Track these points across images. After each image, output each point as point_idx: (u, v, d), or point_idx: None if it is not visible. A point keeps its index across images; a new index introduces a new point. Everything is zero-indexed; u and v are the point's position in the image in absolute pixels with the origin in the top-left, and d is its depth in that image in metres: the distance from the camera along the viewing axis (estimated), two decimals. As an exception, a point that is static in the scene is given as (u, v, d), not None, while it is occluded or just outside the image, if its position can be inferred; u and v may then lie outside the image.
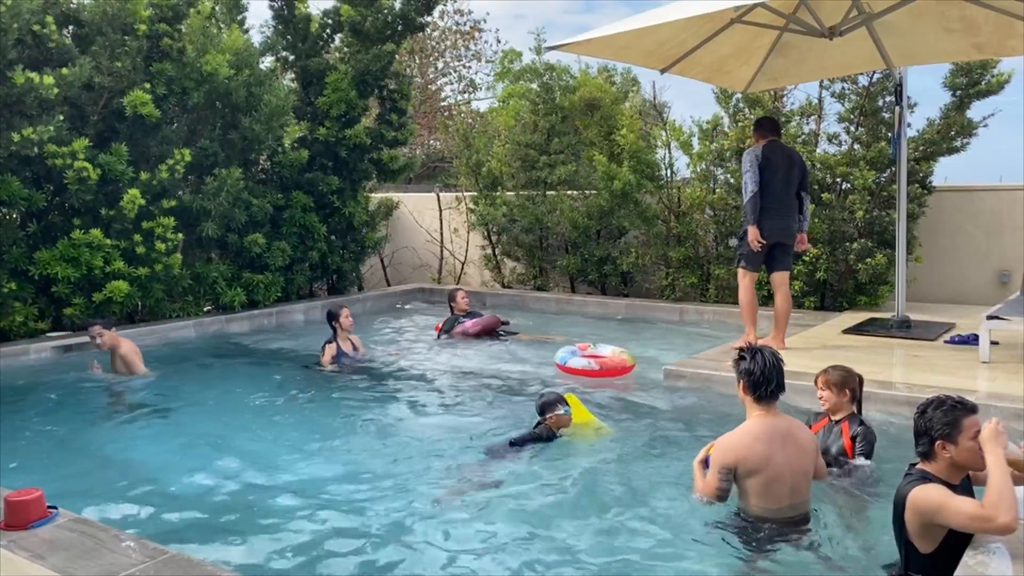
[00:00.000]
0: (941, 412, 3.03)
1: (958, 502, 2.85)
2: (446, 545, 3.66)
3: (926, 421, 3.05)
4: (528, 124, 11.08)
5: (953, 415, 3.01)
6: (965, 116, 8.65)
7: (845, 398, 4.34)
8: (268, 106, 8.91)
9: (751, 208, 6.61)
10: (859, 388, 4.41)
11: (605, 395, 6.03)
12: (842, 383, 4.33)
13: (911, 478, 3.05)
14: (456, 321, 8.44)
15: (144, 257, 8.10)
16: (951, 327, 7.46)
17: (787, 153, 6.83)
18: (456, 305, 8.57)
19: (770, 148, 6.68)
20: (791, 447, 3.62)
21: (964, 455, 2.99)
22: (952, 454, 3.00)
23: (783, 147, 6.89)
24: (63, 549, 3.14)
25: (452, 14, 19.99)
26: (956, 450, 2.99)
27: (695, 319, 9.18)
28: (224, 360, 7.71)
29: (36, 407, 5.97)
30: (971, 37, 6.87)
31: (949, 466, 3.03)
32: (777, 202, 6.64)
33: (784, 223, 6.74)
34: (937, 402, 3.07)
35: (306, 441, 5.16)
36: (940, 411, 3.04)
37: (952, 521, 2.87)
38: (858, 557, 3.44)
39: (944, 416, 3.01)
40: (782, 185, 6.65)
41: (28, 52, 7.66)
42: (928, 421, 3.05)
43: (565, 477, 4.39)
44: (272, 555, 3.58)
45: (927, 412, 3.07)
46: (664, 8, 6.28)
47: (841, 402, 4.34)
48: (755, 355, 3.74)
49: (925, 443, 3.06)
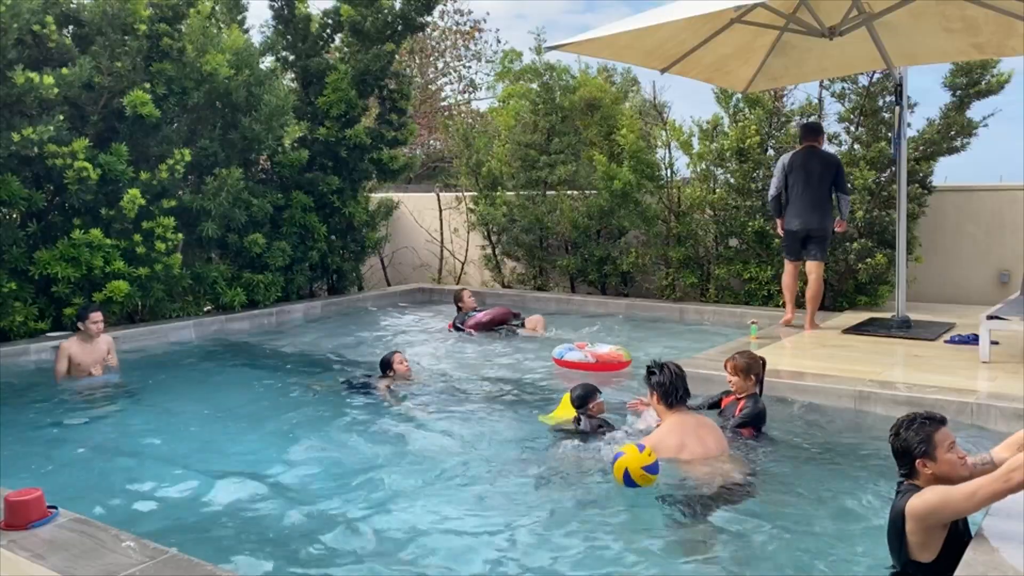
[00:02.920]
0: (914, 431, 3.05)
1: (963, 485, 2.86)
2: (446, 543, 3.67)
3: (901, 442, 3.07)
4: (528, 124, 11.08)
5: (925, 431, 3.03)
6: (965, 116, 8.65)
7: (751, 382, 4.87)
8: (268, 106, 8.90)
9: (772, 208, 7.88)
10: (762, 371, 4.96)
11: (605, 395, 6.02)
12: (748, 369, 4.85)
13: (904, 492, 3.06)
14: (467, 316, 8.60)
15: (144, 257, 8.10)
16: (951, 327, 7.46)
17: (820, 157, 7.57)
18: (464, 305, 8.73)
19: (799, 155, 7.61)
20: (704, 433, 4.39)
21: (945, 467, 3.01)
22: (933, 469, 3.01)
23: (815, 152, 7.60)
24: (63, 549, 3.14)
25: (452, 14, 20.02)
26: (936, 465, 3.01)
27: (695, 319, 9.18)
28: (224, 360, 7.71)
29: (36, 407, 5.97)
30: (971, 37, 6.87)
31: (933, 481, 3.03)
32: (801, 201, 7.52)
33: (808, 218, 7.51)
34: (907, 422, 3.10)
35: (307, 441, 5.16)
36: (912, 430, 3.06)
37: (963, 505, 2.84)
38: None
39: (917, 434, 3.04)
40: (810, 186, 7.49)
41: (28, 52, 7.65)
42: (904, 442, 3.06)
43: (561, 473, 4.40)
44: (272, 555, 3.58)
45: (900, 433, 3.09)
46: (664, 8, 6.29)
47: (747, 385, 4.87)
48: (663, 370, 4.47)
49: (907, 463, 3.08)
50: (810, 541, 3.63)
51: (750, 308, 9.01)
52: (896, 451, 3.11)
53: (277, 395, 6.33)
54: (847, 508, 3.97)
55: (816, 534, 3.70)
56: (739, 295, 9.50)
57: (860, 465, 4.55)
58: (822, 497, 4.10)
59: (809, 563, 3.44)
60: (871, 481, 4.24)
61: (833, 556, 3.49)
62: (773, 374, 5.84)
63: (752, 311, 8.75)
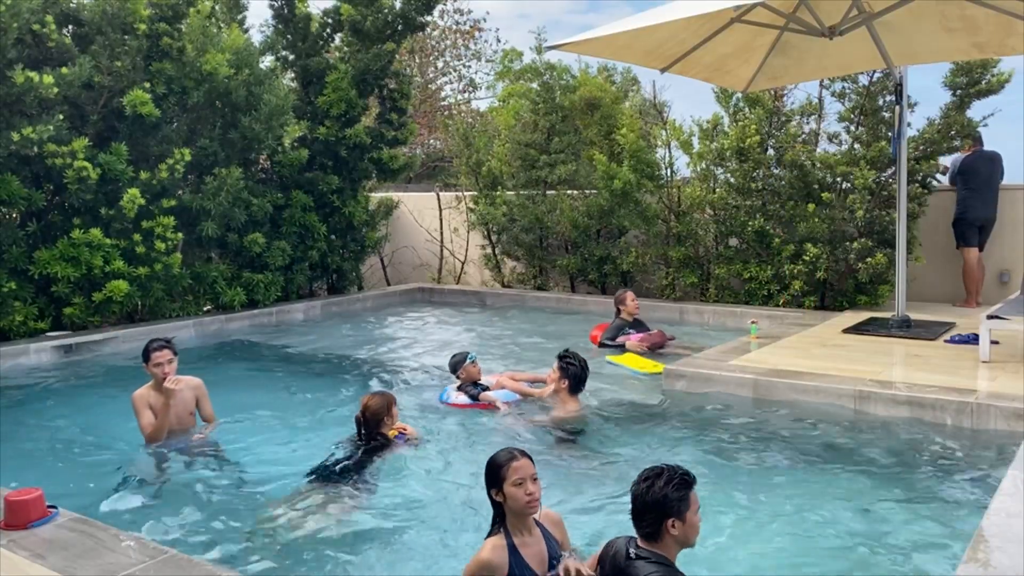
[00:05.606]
0: (673, 487, 2.72)
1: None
2: (445, 542, 3.67)
3: (656, 496, 2.71)
4: (528, 123, 11.08)
5: (683, 490, 2.74)
6: (965, 116, 8.65)
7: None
8: (268, 105, 8.90)
9: None
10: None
11: (605, 394, 6.03)
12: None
13: (648, 562, 2.69)
14: (621, 330, 7.73)
15: (144, 257, 8.10)
16: (951, 327, 7.46)
17: (987, 157, 8.66)
18: (626, 308, 7.85)
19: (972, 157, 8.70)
20: None
21: (691, 532, 2.76)
22: (679, 532, 2.73)
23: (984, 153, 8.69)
24: (63, 549, 3.14)
25: (452, 13, 20.02)
26: (683, 528, 2.73)
27: (695, 319, 9.18)
28: (224, 360, 7.70)
29: (36, 407, 5.97)
30: (971, 36, 6.87)
31: (674, 546, 2.75)
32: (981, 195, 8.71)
33: None
34: (664, 476, 2.75)
35: (308, 441, 5.16)
36: (672, 486, 2.72)
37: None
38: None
39: (677, 491, 2.72)
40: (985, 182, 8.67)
41: (28, 51, 7.66)
42: (659, 496, 2.71)
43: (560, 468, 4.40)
44: (273, 555, 3.58)
45: (655, 486, 2.73)
46: (664, 8, 6.28)
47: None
48: (576, 360, 5.46)
49: (654, 522, 2.72)
50: (805, 542, 3.62)
51: (750, 308, 9.01)
52: (645, 504, 2.72)
53: (278, 395, 6.33)
54: (842, 509, 3.96)
55: (811, 535, 3.70)
56: (739, 295, 9.50)
57: (859, 465, 4.55)
58: (816, 497, 4.10)
59: (801, 563, 3.44)
60: (871, 482, 4.24)
61: (829, 556, 3.49)
62: (773, 374, 5.85)
63: (752, 311, 8.75)
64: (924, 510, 3.94)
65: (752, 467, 4.55)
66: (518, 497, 2.89)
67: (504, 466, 2.94)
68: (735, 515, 3.89)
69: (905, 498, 4.08)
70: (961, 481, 4.28)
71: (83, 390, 6.46)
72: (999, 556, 2.89)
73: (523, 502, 2.89)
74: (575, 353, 5.55)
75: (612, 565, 2.82)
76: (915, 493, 4.15)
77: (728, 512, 3.92)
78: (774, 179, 9.26)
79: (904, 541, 3.62)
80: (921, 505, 4.00)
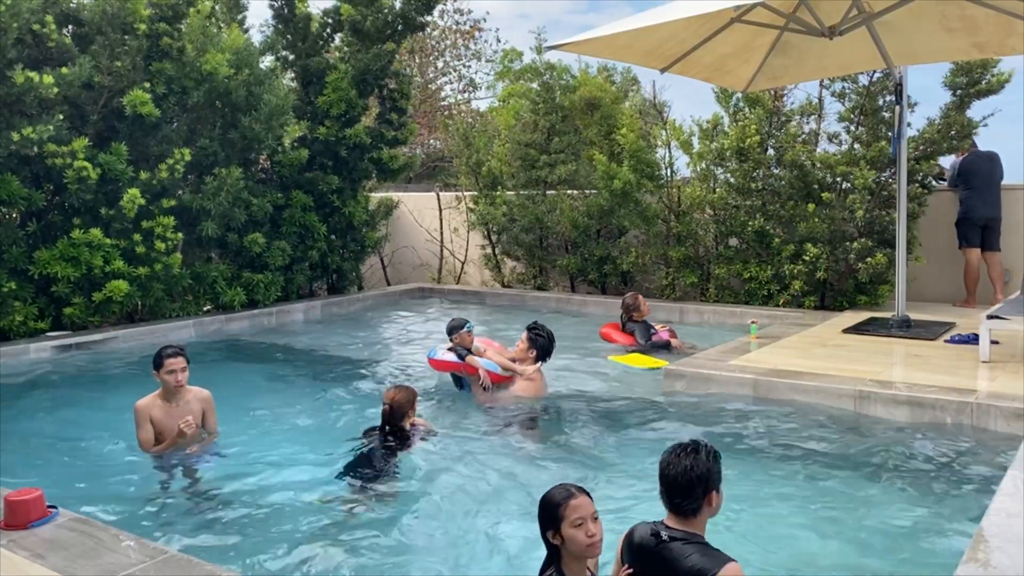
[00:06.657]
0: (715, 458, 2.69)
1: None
2: (446, 541, 3.67)
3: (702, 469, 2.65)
4: (528, 123, 11.08)
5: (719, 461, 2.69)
6: (965, 116, 8.64)
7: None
8: (268, 105, 8.90)
9: None
10: None
11: (605, 394, 6.03)
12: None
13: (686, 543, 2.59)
14: (649, 330, 7.66)
15: (144, 256, 8.10)
16: (951, 327, 7.46)
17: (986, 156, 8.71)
18: (640, 314, 7.77)
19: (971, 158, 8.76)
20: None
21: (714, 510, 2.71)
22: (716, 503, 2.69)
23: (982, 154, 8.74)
24: (63, 549, 3.14)
25: (452, 13, 20.02)
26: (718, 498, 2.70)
27: (695, 319, 9.18)
28: (225, 360, 7.70)
29: (36, 407, 5.96)
30: (971, 36, 6.87)
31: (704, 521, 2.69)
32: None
33: None
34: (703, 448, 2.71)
35: (308, 441, 5.16)
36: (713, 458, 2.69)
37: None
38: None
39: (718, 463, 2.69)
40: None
41: (28, 51, 7.65)
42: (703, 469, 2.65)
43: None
44: (274, 555, 3.58)
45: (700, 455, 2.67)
46: (664, 8, 6.28)
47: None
48: (544, 331, 5.94)
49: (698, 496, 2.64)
50: (804, 542, 3.62)
51: (750, 308, 9.01)
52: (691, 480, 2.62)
53: (278, 395, 6.33)
54: (841, 509, 3.96)
55: (811, 535, 3.70)
56: (739, 295, 9.50)
57: (859, 465, 4.55)
58: (816, 497, 4.10)
59: (801, 563, 3.44)
60: (871, 482, 4.24)
61: (829, 556, 3.49)
62: (773, 374, 5.85)
63: (752, 311, 8.75)
64: (924, 510, 3.93)
65: (752, 467, 4.55)
66: (579, 540, 2.60)
67: (561, 505, 2.65)
68: (734, 515, 3.88)
69: (905, 498, 4.08)
70: (961, 481, 4.28)
71: (83, 390, 6.45)
72: (999, 556, 2.89)
73: (584, 544, 2.61)
74: (543, 325, 6.04)
75: (640, 552, 2.66)
76: (915, 493, 4.14)
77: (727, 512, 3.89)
78: (774, 179, 9.26)
79: (904, 541, 3.62)
80: (921, 505, 4.00)
